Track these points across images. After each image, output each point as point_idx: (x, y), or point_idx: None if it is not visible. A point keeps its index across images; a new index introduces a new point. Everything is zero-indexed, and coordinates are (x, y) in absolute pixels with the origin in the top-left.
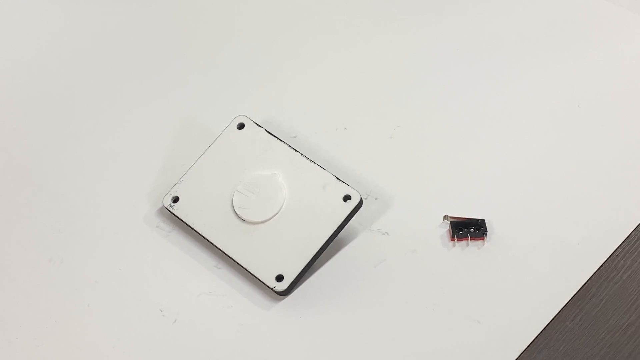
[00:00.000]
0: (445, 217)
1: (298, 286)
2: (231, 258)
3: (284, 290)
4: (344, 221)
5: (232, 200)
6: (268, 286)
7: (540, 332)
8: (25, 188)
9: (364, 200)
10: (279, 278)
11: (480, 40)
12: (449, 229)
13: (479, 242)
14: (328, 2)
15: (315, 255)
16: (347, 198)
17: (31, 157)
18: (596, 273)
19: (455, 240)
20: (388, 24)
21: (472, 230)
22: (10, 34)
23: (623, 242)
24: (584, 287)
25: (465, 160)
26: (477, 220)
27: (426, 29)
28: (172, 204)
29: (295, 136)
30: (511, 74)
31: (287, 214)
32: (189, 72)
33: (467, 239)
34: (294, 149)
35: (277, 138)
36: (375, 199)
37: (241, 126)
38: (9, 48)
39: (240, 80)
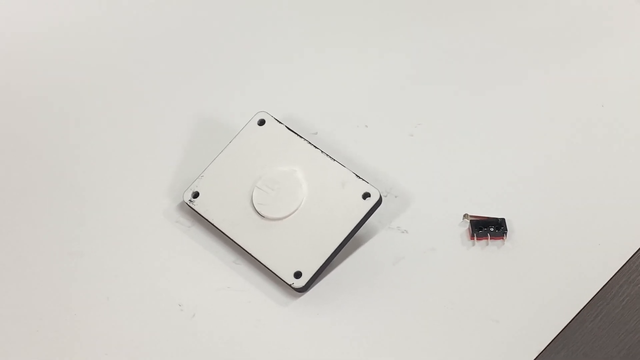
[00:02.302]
0: (465, 215)
1: (316, 283)
2: (250, 254)
3: (302, 286)
4: (362, 219)
5: (252, 197)
6: (286, 282)
7: (559, 332)
8: (46, 182)
9: (383, 197)
10: (297, 275)
11: (502, 38)
12: (468, 228)
13: (499, 241)
14: None
15: (333, 252)
16: (366, 195)
17: (53, 151)
18: (617, 274)
19: (475, 239)
20: (410, 21)
21: (492, 229)
22: (33, 28)
23: None
24: (604, 288)
25: (486, 158)
26: (497, 219)
27: (449, 27)
28: (192, 199)
29: (316, 133)
30: (533, 73)
31: (306, 211)
32: (211, 68)
33: (487, 238)
34: (314, 146)
35: (297, 135)
36: (395, 196)
37: (262, 122)
38: (32, 43)
39: (262, 76)
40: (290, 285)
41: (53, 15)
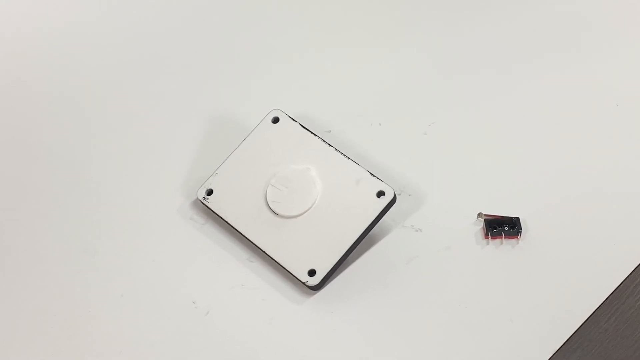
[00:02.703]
0: (480, 214)
1: (330, 281)
2: (264, 252)
3: (316, 284)
4: (377, 217)
5: (266, 194)
6: (300, 280)
7: (574, 332)
8: (60, 179)
9: (397, 196)
10: (311, 272)
11: (516, 37)
12: (483, 227)
13: (513, 240)
14: None
15: (347, 250)
16: (380, 194)
17: (67, 149)
18: (632, 274)
19: (489, 238)
20: (425, 20)
21: (506, 228)
22: (52, 24)
23: None
24: (620, 287)
25: (500, 157)
26: (511, 218)
27: (463, 25)
28: (206, 197)
29: (330, 131)
30: (549, 72)
31: (320, 209)
32: (226, 66)
33: (501, 237)
34: (328, 144)
35: (312, 132)
36: (409, 195)
37: (276, 120)
38: (50, 39)
39: (276, 74)
40: (304, 283)
41: (72, 11)
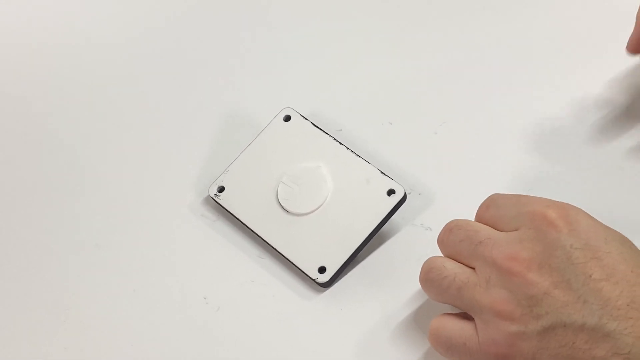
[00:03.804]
0: None
1: (340, 278)
2: (274, 248)
3: (326, 282)
4: (387, 215)
5: (277, 192)
6: (310, 277)
7: None
8: (73, 174)
9: (407, 194)
10: (322, 270)
11: (530, 37)
12: None
13: None
14: None
15: (358, 248)
16: (391, 192)
17: (81, 144)
18: None
19: None
20: (436, 19)
21: None
22: (61, 24)
23: None
24: None
25: (510, 158)
26: None
27: (475, 25)
28: (218, 194)
29: (341, 130)
30: (563, 74)
31: (330, 207)
32: (237, 62)
33: None
34: (339, 142)
35: (323, 131)
36: (419, 194)
37: (287, 118)
38: (61, 38)
39: (288, 72)
40: (314, 280)
41: (81, 7)
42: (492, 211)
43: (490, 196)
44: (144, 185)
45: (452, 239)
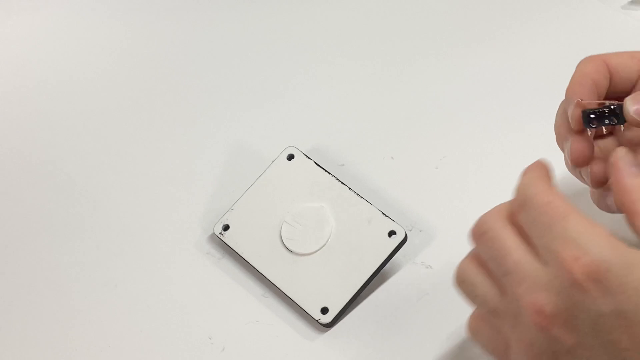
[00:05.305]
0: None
1: (342, 318)
2: (278, 288)
3: (329, 322)
4: (388, 256)
5: (281, 231)
6: (313, 318)
7: None
8: (78, 211)
9: (408, 232)
10: (324, 310)
11: (531, 73)
12: None
13: None
14: (375, 31)
15: (359, 289)
16: (392, 233)
17: (85, 180)
18: None
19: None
20: (436, 53)
21: None
22: (69, 52)
23: None
24: None
25: (512, 191)
26: None
27: (475, 61)
28: (223, 232)
29: (343, 164)
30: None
31: (333, 247)
32: (240, 98)
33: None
34: (342, 182)
35: (326, 170)
36: (420, 231)
37: (291, 157)
38: (66, 64)
39: (292, 107)
40: (317, 321)
41: (88, 36)
42: (523, 218)
43: (522, 188)
44: (150, 222)
45: (480, 249)
